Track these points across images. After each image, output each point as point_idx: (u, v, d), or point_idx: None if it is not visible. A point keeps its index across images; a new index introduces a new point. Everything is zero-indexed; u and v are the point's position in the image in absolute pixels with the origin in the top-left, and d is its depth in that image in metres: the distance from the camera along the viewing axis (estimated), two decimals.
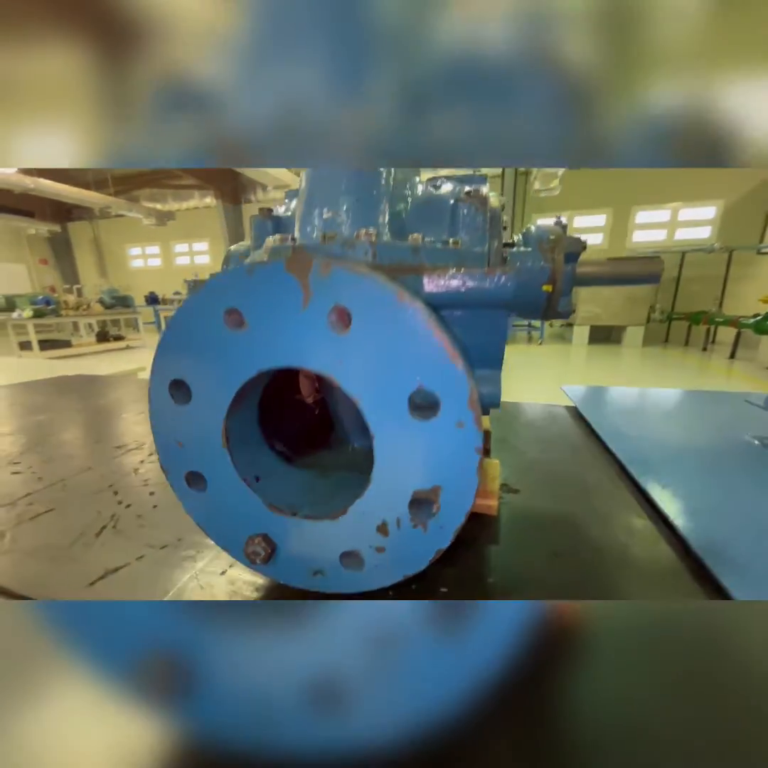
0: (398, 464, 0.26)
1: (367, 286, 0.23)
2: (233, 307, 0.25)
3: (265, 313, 0.25)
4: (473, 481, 0.25)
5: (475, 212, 0.37)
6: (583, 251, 0.43)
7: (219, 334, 0.26)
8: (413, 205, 0.40)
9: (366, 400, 0.25)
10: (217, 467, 0.30)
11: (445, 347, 0.23)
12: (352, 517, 0.28)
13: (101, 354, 6.65)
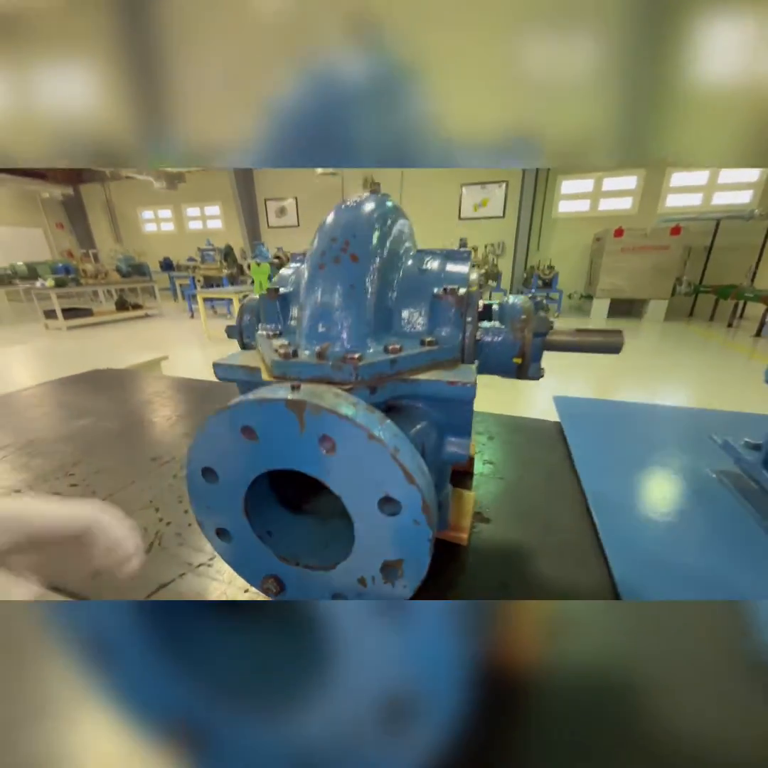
0: (372, 542, 0.34)
1: (347, 427, 0.30)
2: (248, 426, 0.33)
3: (272, 432, 0.33)
4: (426, 559, 0.34)
5: (450, 309, 0.43)
6: (550, 330, 0.48)
7: (237, 443, 0.34)
8: (400, 291, 0.45)
9: (347, 498, 0.33)
10: (238, 527, 0.39)
11: (403, 473, 0.30)
12: (340, 571, 0.37)
13: (121, 323, 6.85)
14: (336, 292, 0.39)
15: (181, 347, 5.16)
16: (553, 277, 7.08)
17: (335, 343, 0.38)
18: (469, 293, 0.45)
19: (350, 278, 0.39)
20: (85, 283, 6.64)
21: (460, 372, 0.40)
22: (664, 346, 5.26)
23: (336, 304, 0.38)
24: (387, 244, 0.43)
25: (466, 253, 0.50)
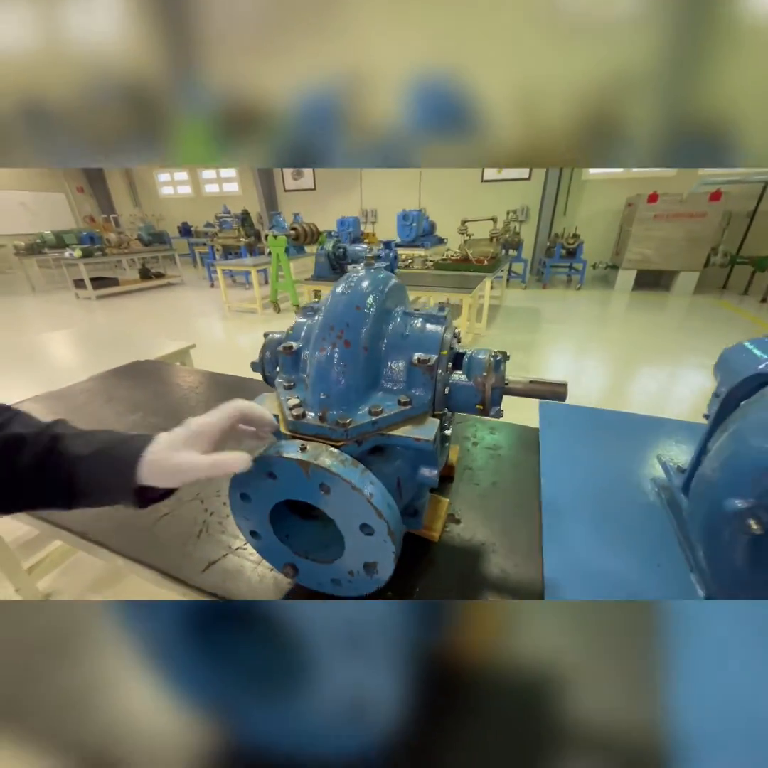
0: (356, 549, 0.50)
1: (337, 480, 0.45)
2: (271, 471, 0.48)
3: (287, 477, 0.48)
4: (391, 564, 0.49)
5: (423, 375, 0.55)
6: (506, 385, 0.60)
7: (263, 481, 0.49)
8: (386, 351, 0.58)
9: (339, 522, 0.48)
10: (265, 531, 0.55)
11: (375, 512, 0.45)
12: (336, 565, 0.53)
13: (145, 292, 7.09)
14: (332, 370, 0.52)
15: (204, 321, 5.36)
16: (578, 246, 6.78)
17: (332, 408, 0.52)
18: (439, 358, 0.57)
19: (344, 360, 0.52)
20: (110, 252, 6.84)
21: (424, 429, 0.53)
22: (688, 324, 5.09)
23: (332, 378, 0.52)
24: (375, 323, 0.55)
25: (442, 317, 0.61)
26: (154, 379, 1.43)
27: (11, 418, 0.44)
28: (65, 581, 1.51)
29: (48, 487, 0.41)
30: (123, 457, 0.41)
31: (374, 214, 9.60)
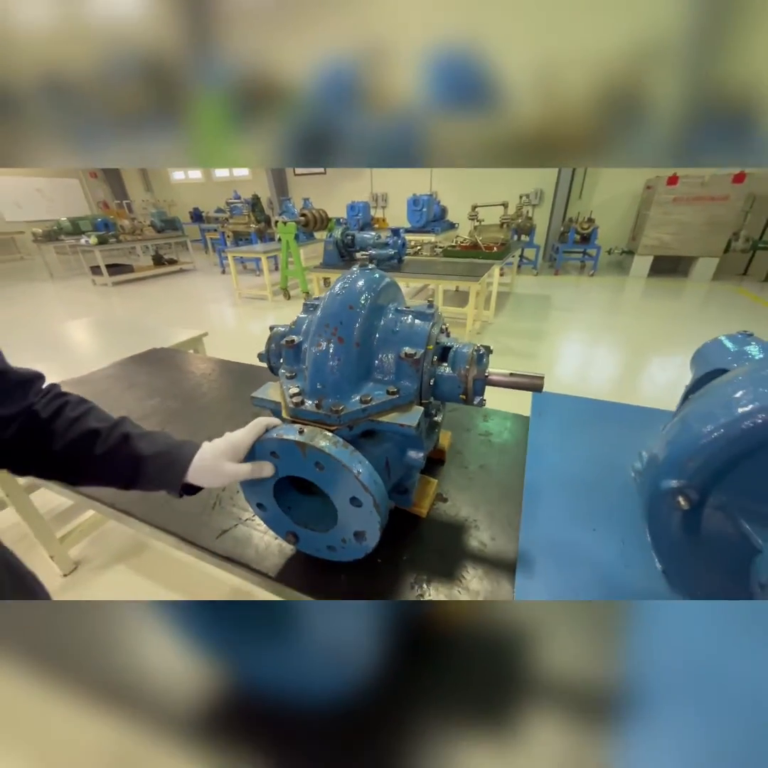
0: (347, 520, 0.57)
1: (329, 459, 0.52)
2: (274, 451, 0.56)
3: (287, 456, 0.55)
4: (377, 533, 0.56)
5: (409, 368, 0.61)
6: (486, 377, 0.66)
7: (268, 459, 0.57)
8: (378, 345, 0.64)
9: (332, 496, 0.56)
10: (270, 503, 0.63)
11: (362, 487, 0.52)
12: (331, 533, 0.61)
13: (159, 278, 7.21)
14: (327, 364, 0.58)
15: (215, 307, 5.46)
16: (592, 231, 6.62)
17: (327, 396, 0.59)
18: (426, 352, 0.63)
19: (337, 354, 0.58)
20: (124, 239, 6.96)
21: (409, 416, 0.59)
22: (705, 312, 4.97)
23: (327, 371, 0.58)
24: (367, 321, 0.61)
25: (430, 314, 0.67)
26: (170, 366, 1.52)
27: (88, 411, 0.54)
28: (93, 550, 1.65)
29: (114, 473, 0.53)
30: (179, 461, 0.53)
31: (385, 199, 9.47)
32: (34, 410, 0.51)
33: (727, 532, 0.42)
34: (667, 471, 0.44)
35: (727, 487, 0.41)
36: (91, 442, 0.51)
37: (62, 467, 0.52)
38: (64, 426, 0.51)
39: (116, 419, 0.55)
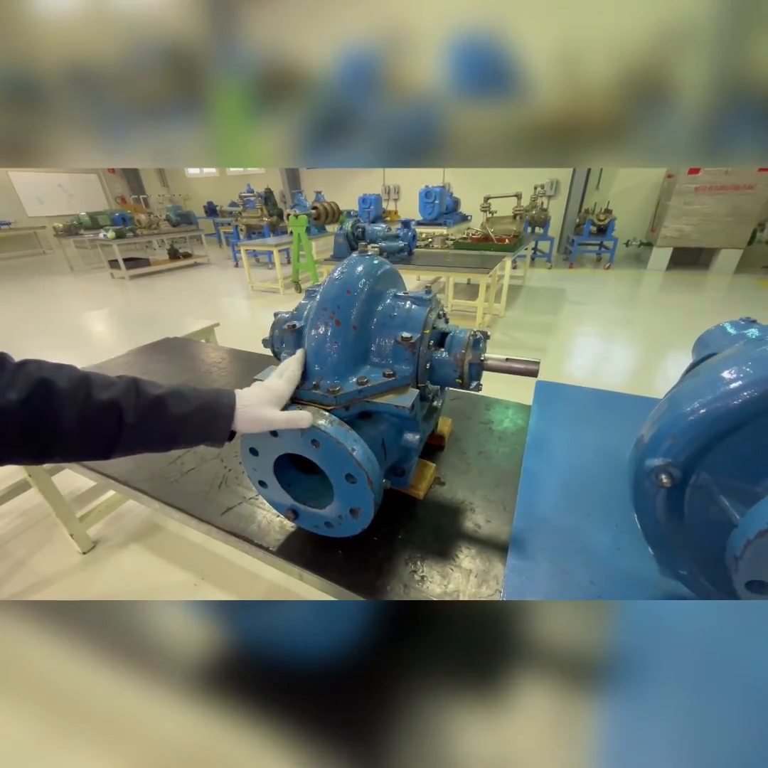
0: (344, 496, 0.60)
1: (324, 436, 0.54)
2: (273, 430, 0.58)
3: (286, 433, 0.57)
4: (371, 509, 0.59)
5: (406, 352, 0.63)
6: (482, 361, 0.67)
7: (268, 437, 0.59)
8: (375, 330, 0.66)
9: (328, 472, 0.58)
10: (271, 480, 0.66)
11: (356, 463, 0.54)
12: (328, 510, 0.63)
13: (174, 271, 7.35)
14: (326, 346, 0.60)
15: (228, 300, 5.54)
16: (609, 223, 6.45)
17: (325, 378, 0.61)
18: (422, 336, 0.65)
19: (335, 337, 0.60)
20: (141, 233, 7.11)
21: (404, 397, 0.61)
22: (726, 306, 4.80)
23: (325, 353, 0.61)
24: (364, 305, 0.63)
25: (427, 299, 0.68)
26: (182, 354, 1.57)
27: (86, 380, 0.46)
28: (110, 530, 1.73)
29: (149, 438, 0.49)
30: (222, 413, 0.52)
31: (397, 191, 9.41)
32: (21, 399, 0.40)
33: (710, 510, 0.43)
34: (652, 450, 0.45)
35: (708, 465, 0.41)
36: (114, 414, 0.45)
37: (84, 447, 0.45)
38: (70, 406, 0.43)
39: (124, 384, 0.48)
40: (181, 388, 0.53)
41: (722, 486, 0.41)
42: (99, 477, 0.91)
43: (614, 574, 0.61)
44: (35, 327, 2.09)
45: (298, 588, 1.47)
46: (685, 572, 0.50)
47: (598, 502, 0.75)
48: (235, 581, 1.52)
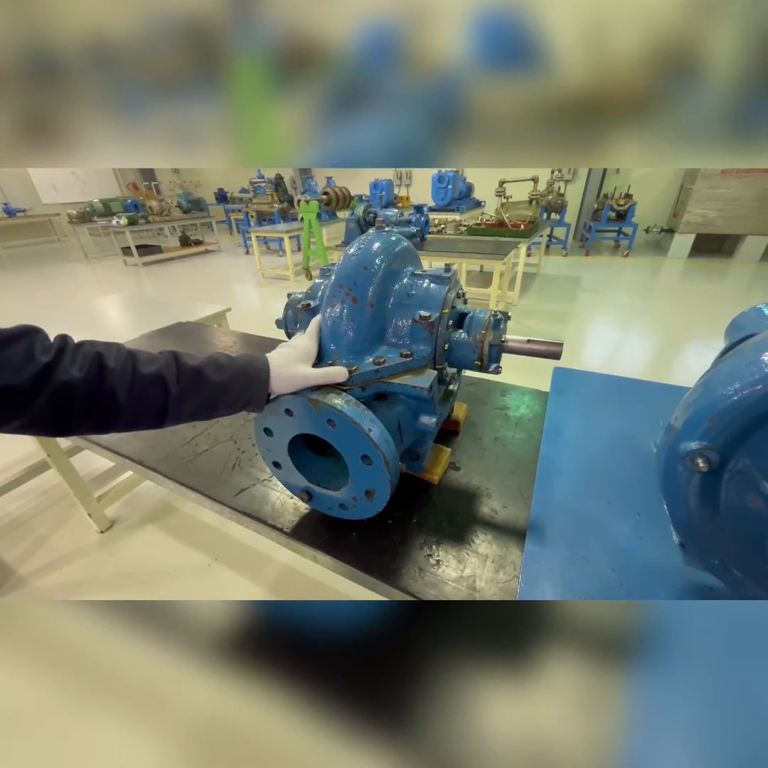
0: (359, 478, 0.59)
1: (341, 416, 0.53)
2: (288, 408, 0.57)
3: (301, 413, 0.56)
4: (387, 492, 0.57)
5: (424, 331, 0.61)
6: (503, 342, 0.65)
7: (282, 417, 0.58)
8: (392, 309, 0.64)
9: (344, 453, 0.57)
10: (285, 461, 0.65)
11: (373, 444, 0.53)
12: (343, 492, 0.63)
13: (186, 258, 7.37)
14: (342, 324, 0.59)
15: (239, 287, 5.54)
16: (629, 208, 6.22)
17: (341, 357, 0.59)
18: (441, 316, 0.62)
19: (351, 315, 0.58)
20: (153, 220, 7.12)
21: (422, 378, 0.59)
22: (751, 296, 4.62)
23: (342, 331, 0.59)
24: (382, 283, 0.61)
25: (447, 278, 0.66)
26: (194, 338, 1.57)
27: (133, 356, 0.48)
28: (127, 510, 1.76)
29: (193, 407, 0.50)
30: (259, 378, 0.54)
31: (409, 177, 9.21)
32: (70, 376, 0.42)
33: (748, 497, 0.41)
34: (687, 433, 0.42)
35: (749, 449, 0.39)
36: (159, 386, 0.47)
37: (138, 416, 0.48)
38: (121, 380, 0.45)
39: (165, 357, 0.50)
40: (217, 357, 0.54)
41: (765, 471, 0.39)
42: (115, 456, 0.92)
43: (637, 562, 0.59)
44: (52, 312, 2.11)
45: (311, 571, 1.49)
46: (716, 561, 0.48)
47: (618, 490, 0.73)
48: (247, 562, 1.54)
